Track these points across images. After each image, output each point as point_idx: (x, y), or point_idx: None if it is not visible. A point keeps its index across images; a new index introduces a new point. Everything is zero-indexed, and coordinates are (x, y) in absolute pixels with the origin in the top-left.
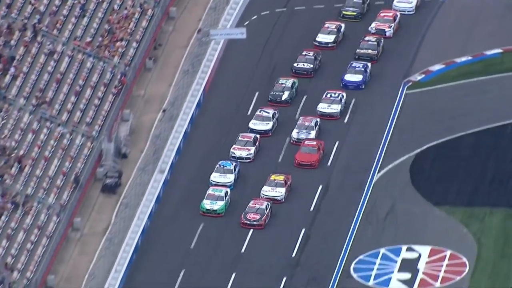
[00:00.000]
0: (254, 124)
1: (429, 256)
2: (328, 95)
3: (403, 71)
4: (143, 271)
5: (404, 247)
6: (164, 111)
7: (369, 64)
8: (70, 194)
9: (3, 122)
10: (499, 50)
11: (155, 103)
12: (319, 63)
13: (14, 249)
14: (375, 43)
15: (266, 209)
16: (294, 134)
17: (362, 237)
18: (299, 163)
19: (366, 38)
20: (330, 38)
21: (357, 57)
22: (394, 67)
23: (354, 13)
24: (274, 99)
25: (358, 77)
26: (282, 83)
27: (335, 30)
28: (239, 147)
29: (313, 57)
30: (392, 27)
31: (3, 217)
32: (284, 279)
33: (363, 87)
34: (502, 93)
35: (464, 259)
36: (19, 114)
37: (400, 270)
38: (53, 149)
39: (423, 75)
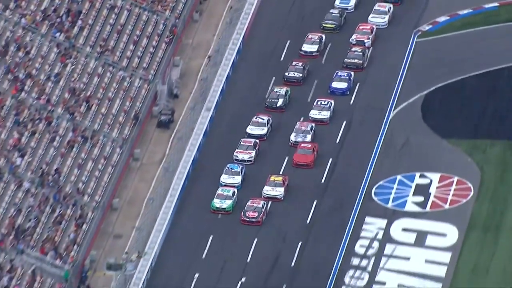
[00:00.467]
0: (251, 129)
1: (439, 182)
2: (319, 103)
3: (414, 22)
4: (195, 195)
5: (418, 174)
6: (209, 57)
7: (353, 73)
8: (131, 129)
9: (72, 67)
10: (496, 4)
11: (202, 50)
12: (307, 72)
13: (84, 177)
14: (361, 53)
15: (263, 207)
16: (292, 137)
17: (381, 166)
18: (296, 164)
19: (353, 49)
20: (314, 48)
21: (345, 65)
22: (406, 20)
23: (333, 26)
24: (270, 105)
25: (343, 85)
26: (276, 91)
27: (318, 40)
28: (242, 151)
29: (302, 67)
30: (370, 38)
31: (74, 149)
32: (315, 202)
33: (348, 93)
34: (499, 40)
35: (469, 184)
36: (86, 60)
37: (414, 194)
38: (115, 91)
39: (430, 26)
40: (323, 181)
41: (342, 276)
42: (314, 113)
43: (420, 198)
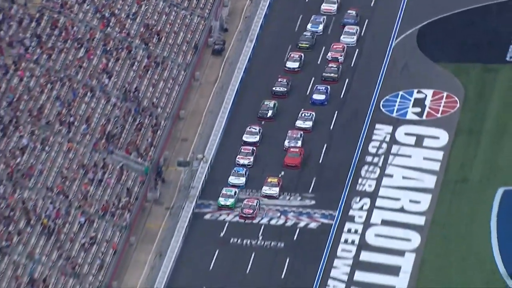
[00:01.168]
0: (246, 137)
1: (432, 96)
2: (303, 114)
3: None
4: (243, 107)
5: (415, 90)
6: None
7: (329, 87)
8: (192, 56)
9: (146, 7)
10: None
11: None
12: (290, 87)
13: (157, 93)
14: (336, 68)
15: (257, 205)
16: (286, 143)
17: (387, 84)
18: (286, 165)
19: (330, 65)
20: (296, 65)
21: (323, 79)
22: None
23: (307, 45)
24: (262, 116)
25: (322, 97)
26: (267, 104)
27: (298, 58)
28: (242, 157)
29: (286, 83)
30: (343, 55)
31: (149, 72)
32: (336, 113)
33: (326, 103)
34: None
35: (456, 98)
36: (156, 2)
37: (413, 106)
38: (179, 26)
39: None
40: (341, 96)
41: (359, 170)
42: (299, 123)
43: (418, 109)
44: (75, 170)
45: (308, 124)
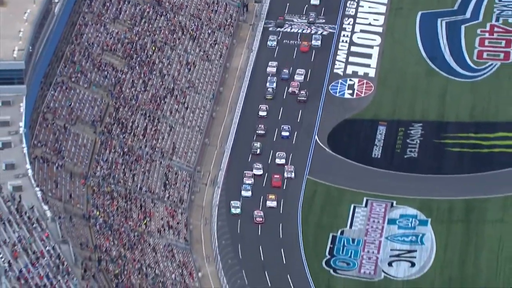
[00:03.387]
0: (255, 172)
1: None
2: (278, 155)
3: None
4: None
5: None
6: None
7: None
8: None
9: None
10: None
11: None
12: (266, 129)
13: None
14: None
15: (263, 215)
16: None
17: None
18: (273, 186)
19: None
20: (265, 113)
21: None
22: None
23: (271, 97)
24: (254, 153)
25: (287, 134)
26: (255, 145)
27: (265, 109)
28: (247, 179)
29: (263, 128)
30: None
31: None
32: None
33: (289, 136)
34: None
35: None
36: None
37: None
38: None
39: None
40: None
41: None
42: (278, 161)
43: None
44: None
45: (282, 161)
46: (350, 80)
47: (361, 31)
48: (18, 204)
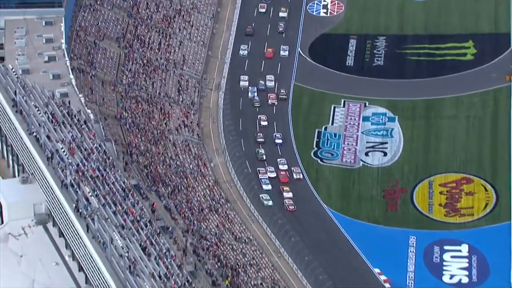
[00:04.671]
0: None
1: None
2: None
3: None
4: None
5: None
6: None
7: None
8: None
9: None
10: None
11: None
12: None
13: None
14: None
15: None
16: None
17: None
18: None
19: None
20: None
21: None
22: None
23: (259, 105)
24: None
25: (280, 141)
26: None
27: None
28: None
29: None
30: None
31: None
32: None
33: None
34: None
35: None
36: None
37: None
38: None
39: None
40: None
41: None
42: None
43: None
44: None
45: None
46: (324, 1)
47: None
48: (68, 108)
